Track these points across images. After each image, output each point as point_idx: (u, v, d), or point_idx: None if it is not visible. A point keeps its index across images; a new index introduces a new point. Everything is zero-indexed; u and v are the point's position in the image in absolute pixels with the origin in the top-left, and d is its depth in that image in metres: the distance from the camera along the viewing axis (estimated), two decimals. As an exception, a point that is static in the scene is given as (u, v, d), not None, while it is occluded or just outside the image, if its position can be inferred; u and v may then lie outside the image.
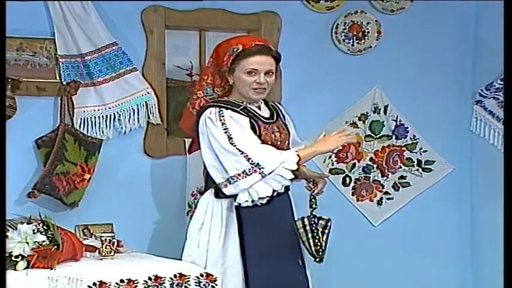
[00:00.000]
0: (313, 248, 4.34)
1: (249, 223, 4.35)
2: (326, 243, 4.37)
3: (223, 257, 4.35)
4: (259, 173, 4.23)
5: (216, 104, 4.37)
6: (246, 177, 4.24)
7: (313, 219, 4.36)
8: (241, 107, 4.36)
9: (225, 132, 4.27)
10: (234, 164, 4.24)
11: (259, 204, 4.28)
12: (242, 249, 4.35)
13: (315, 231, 4.34)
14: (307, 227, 4.35)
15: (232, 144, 4.25)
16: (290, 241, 4.38)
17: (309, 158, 4.36)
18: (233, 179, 4.25)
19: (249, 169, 4.23)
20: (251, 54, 4.33)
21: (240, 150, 4.23)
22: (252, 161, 4.23)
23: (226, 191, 4.27)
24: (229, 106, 4.35)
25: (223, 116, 4.30)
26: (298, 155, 4.28)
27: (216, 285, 4.19)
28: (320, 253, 4.34)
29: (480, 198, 5.46)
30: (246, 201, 4.27)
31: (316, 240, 4.34)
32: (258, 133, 4.32)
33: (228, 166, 4.25)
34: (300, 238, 4.36)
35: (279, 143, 4.38)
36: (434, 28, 5.42)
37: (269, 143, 4.33)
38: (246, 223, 4.35)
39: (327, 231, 4.36)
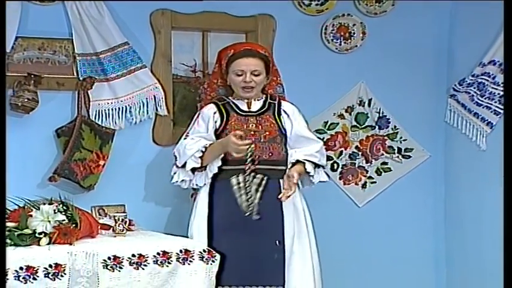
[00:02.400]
0: (244, 204, 4.36)
1: (218, 198, 4.46)
2: (260, 199, 4.37)
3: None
4: (175, 164, 4.51)
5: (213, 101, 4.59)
6: (173, 165, 4.54)
7: (247, 176, 4.38)
8: (225, 102, 4.54)
9: (188, 125, 4.57)
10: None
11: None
12: (209, 222, 4.45)
13: (248, 188, 4.36)
14: (241, 184, 4.37)
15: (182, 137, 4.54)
16: (265, 221, 4.38)
17: (214, 154, 4.42)
18: None
19: (174, 159, 4.52)
20: (238, 58, 4.48)
21: (178, 143, 4.53)
22: (174, 154, 4.53)
23: None
24: (216, 101, 4.56)
25: (200, 111, 4.58)
26: (204, 149, 4.40)
27: (216, 259, 4.24)
28: (250, 208, 4.35)
29: (453, 181, 5.48)
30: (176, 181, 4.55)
31: (248, 197, 4.36)
32: (224, 123, 4.47)
33: None
34: (233, 195, 4.38)
35: (252, 132, 4.47)
36: (413, 29, 5.42)
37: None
38: (216, 197, 4.46)
39: (261, 188, 4.38)
